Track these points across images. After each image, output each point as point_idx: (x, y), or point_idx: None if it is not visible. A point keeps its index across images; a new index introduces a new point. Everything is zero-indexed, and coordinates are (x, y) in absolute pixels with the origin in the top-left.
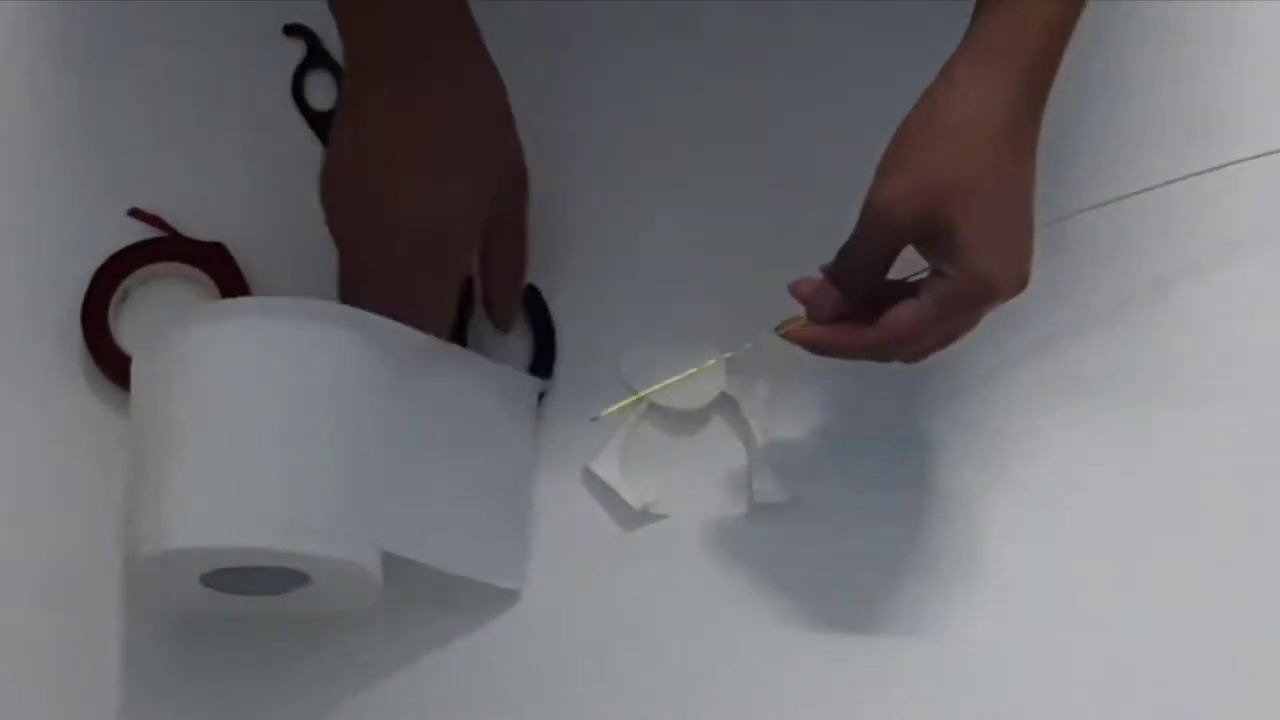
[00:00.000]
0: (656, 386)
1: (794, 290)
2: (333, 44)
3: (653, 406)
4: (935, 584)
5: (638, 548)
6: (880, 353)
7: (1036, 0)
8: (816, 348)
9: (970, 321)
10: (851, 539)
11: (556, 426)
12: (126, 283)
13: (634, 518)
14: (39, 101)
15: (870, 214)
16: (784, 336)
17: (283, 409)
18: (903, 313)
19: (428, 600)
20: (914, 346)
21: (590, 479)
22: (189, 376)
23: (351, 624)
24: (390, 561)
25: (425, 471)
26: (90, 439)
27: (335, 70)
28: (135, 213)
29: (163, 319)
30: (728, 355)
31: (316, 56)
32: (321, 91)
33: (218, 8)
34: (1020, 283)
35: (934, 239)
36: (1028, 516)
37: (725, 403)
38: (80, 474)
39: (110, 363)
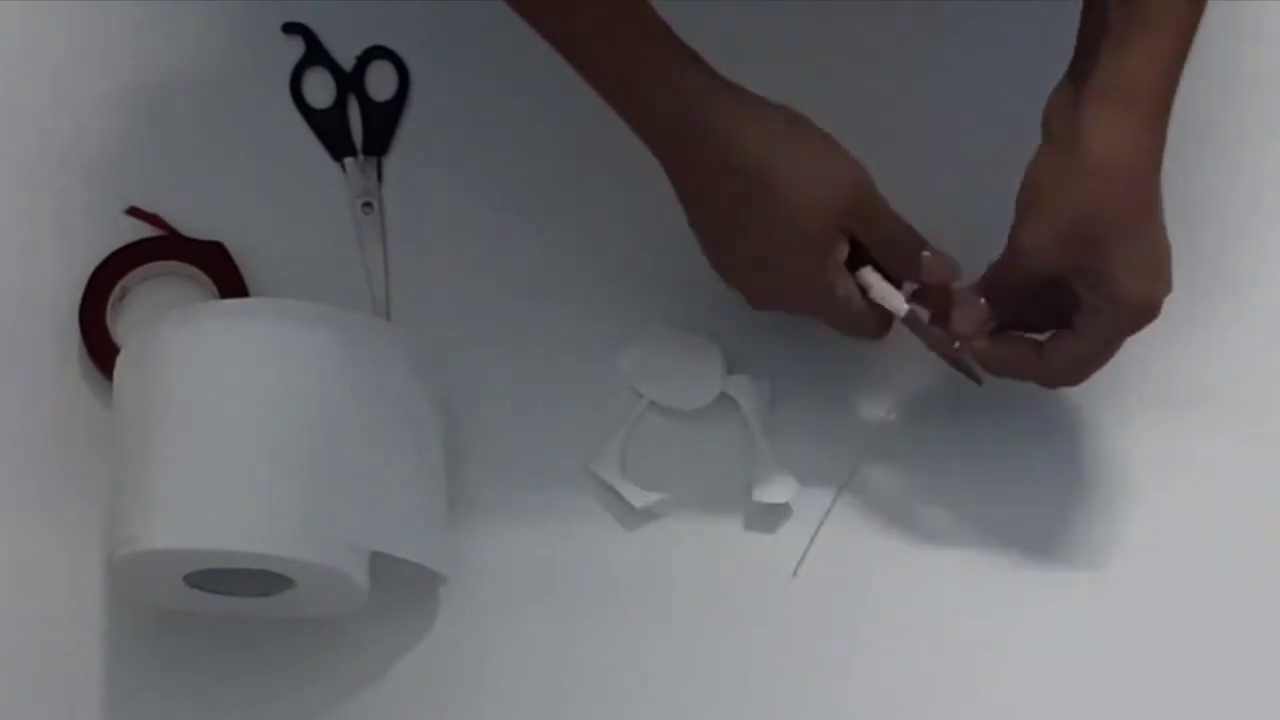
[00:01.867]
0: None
1: (932, 281)
2: (330, 41)
3: (653, 406)
4: (936, 584)
5: (638, 548)
6: (1051, 382)
7: (1161, 36)
8: (992, 364)
9: (1122, 343)
10: (851, 539)
11: (557, 427)
12: (125, 281)
13: (634, 517)
14: (38, 100)
15: (1016, 255)
16: (967, 350)
17: (264, 411)
18: (1063, 349)
19: (416, 602)
20: (1075, 372)
21: (590, 478)
22: (170, 379)
23: (340, 626)
24: (377, 565)
25: (391, 464)
26: (89, 437)
27: (333, 68)
28: (134, 211)
29: (160, 318)
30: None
31: (315, 54)
32: (320, 89)
33: (216, 6)
34: (1168, 289)
35: (1084, 275)
36: (1029, 516)
37: (725, 402)
38: (79, 472)
39: (108, 361)
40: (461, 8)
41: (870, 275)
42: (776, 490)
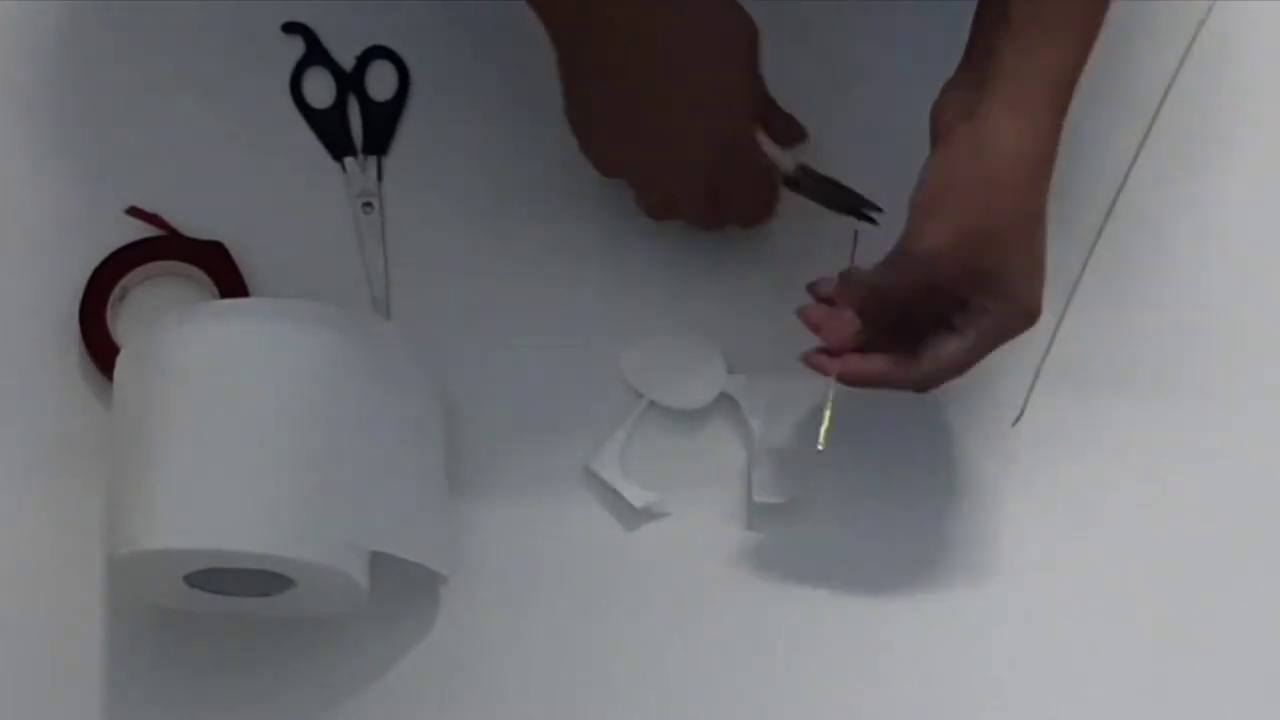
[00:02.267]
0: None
1: (805, 318)
2: (330, 41)
3: (653, 406)
4: (936, 584)
5: (638, 548)
6: (924, 387)
7: (1066, 38)
8: (861, 382)
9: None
10: (851, 539)
11: (557, 426)
12: (125, 281)
13: (634, 517)
14: (38, 99)
15: (911, 260)
16: (836, 376)
17: (264, 411)
18: (948, 350)
19: (416, 602)
20: (954, 377)
21: (590, 479)
22: (170, 378)
23: (340, 626)
24: (377, 564)
25: (391, 463)
26: (89, 437)
27: (333, 67)
28: (134, 211)
29: (160, 318)
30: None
31: (315, 54)
32: (320, 89)
33: (216, 6)
34: (1040, 304)
35: (978, 280)
36: (1030, 516)
37: (725, 402)
38: (79, 471)
39: (108, 361)
40: (461, 8)
41: (760, 134)
42: (776, 490)
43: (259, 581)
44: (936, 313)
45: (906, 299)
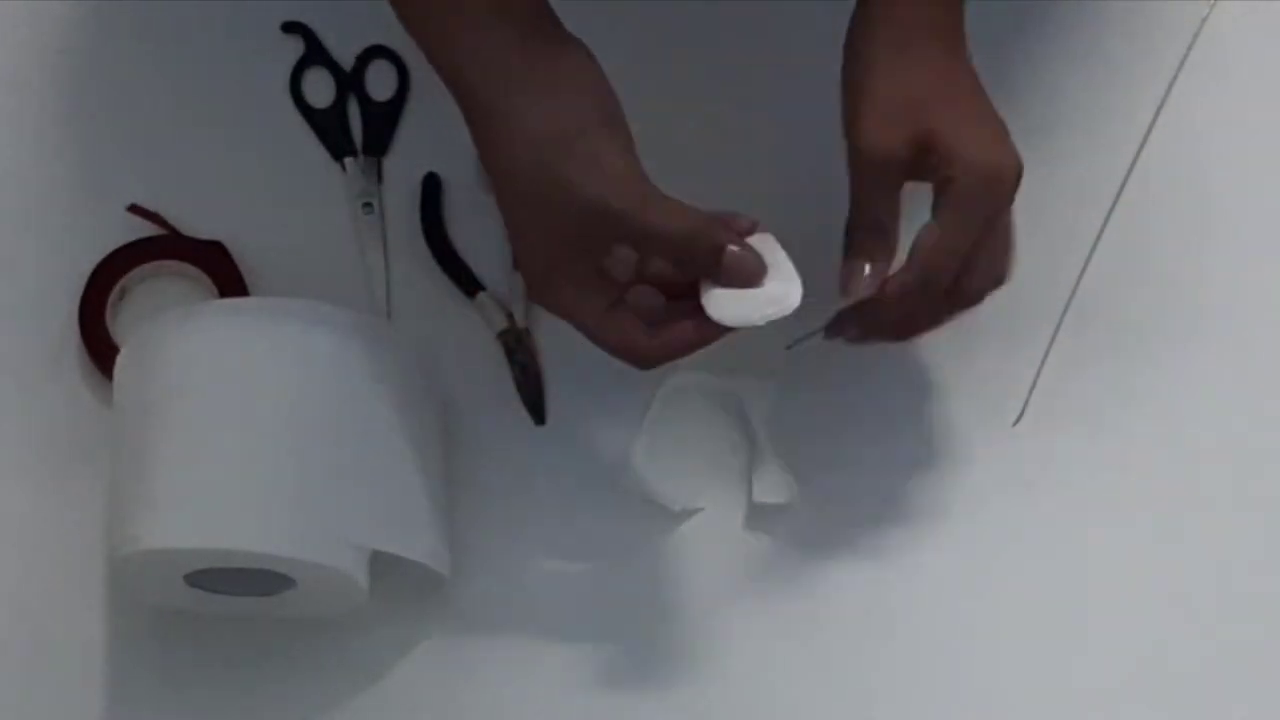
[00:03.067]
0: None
1: (843, 287)
2: (330, 41)
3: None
4: (936, 583)
5: (637, 547)
6: (926, 286)
7: None
8: (866, 290)
9: (993, 228)
10: (851, 539)
11: (557, 426)
12: (125, 280)
13: (634, 517)
14: (39, 98)
15: (864, 159)
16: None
17: (264, 411)
18: (926, 235)
19: (416, 602)
20: (952, 268)
21: (590, 478)
22: (170, 378)
23: (340, 626)
24: (377, 564)
25: (391, 463)
26: (88, 436)
27: (333, 67)
28: (134, 209)
29: (160, 317)
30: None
31: (315, 54)
32: (320, 89)
33: (216, 5)
34: (1018, 165)
35: (929, 155)
36: (1031, 516)
37: (726, 402)
38: (79, 471)
39: (107, 360)
40: None
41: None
42: (776, 490)
43: (259, 581)
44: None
45: (894, 215)
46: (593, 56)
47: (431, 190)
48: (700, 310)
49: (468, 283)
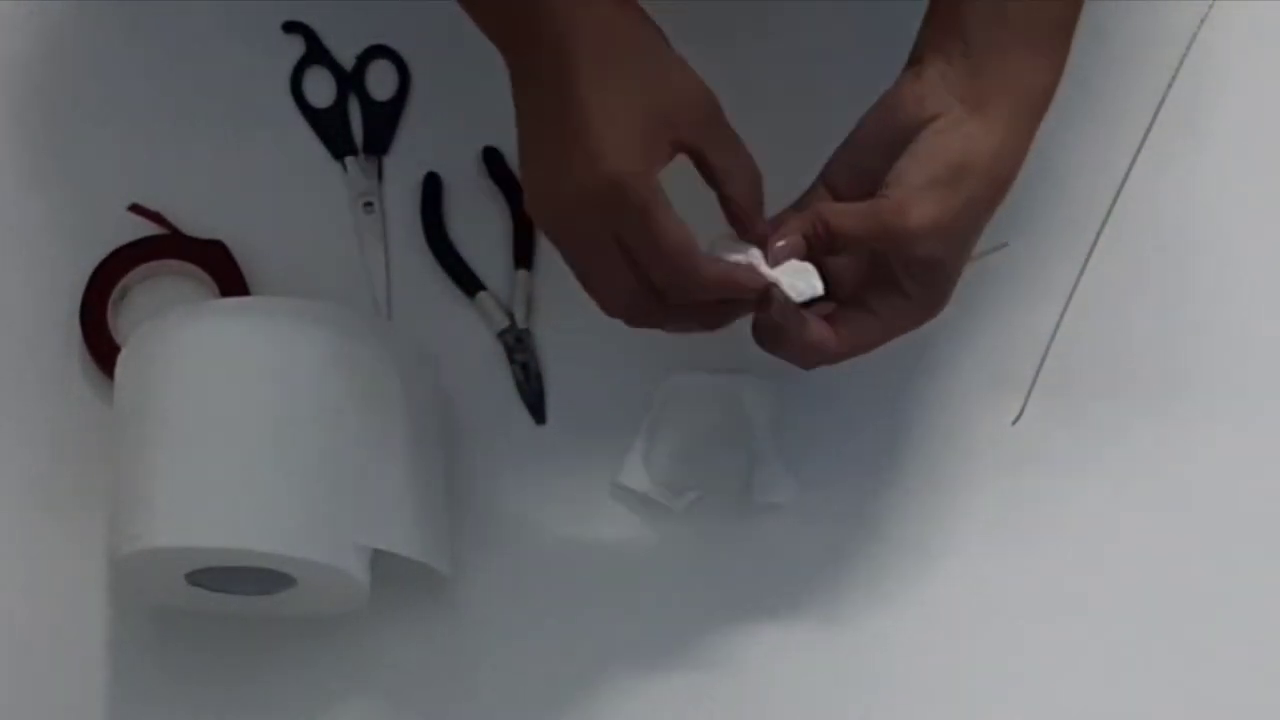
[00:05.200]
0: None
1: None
2: (331, 41)
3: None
4: (936, 583)
5: (637, 546)
6: (826, 359)
7: (1054, 46)
8: (787, 341)
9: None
10: (851, 538)
11: (556, 425)
12: (126, 280)
13: (633, 517)
14: (39, 97)
15: (898, 225)
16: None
17: (265, 410)
18: (867, 334)
19: (416, 602)
20: (843, 359)
21: (589, 478)
22: (171, 377)
23: (340, 625)
24: (377, 563)
25: (392, 462)
26: (88, 435)
27: (333, 67)
28: (135, 209)
29: (161, 316)
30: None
31: (315, 54)
32: (320, 89)
33: (216, 5)
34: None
35: (924, 267)
36: (1030, 515)
37: (727, 402)
38: (80, 470)
39: (108, 360)
40: None
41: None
42: (776, 490)
43: (260, 580)
44: (858, 276)
45: (846, 256)
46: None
47: (432, 190)
48: None
49: (468, 282)
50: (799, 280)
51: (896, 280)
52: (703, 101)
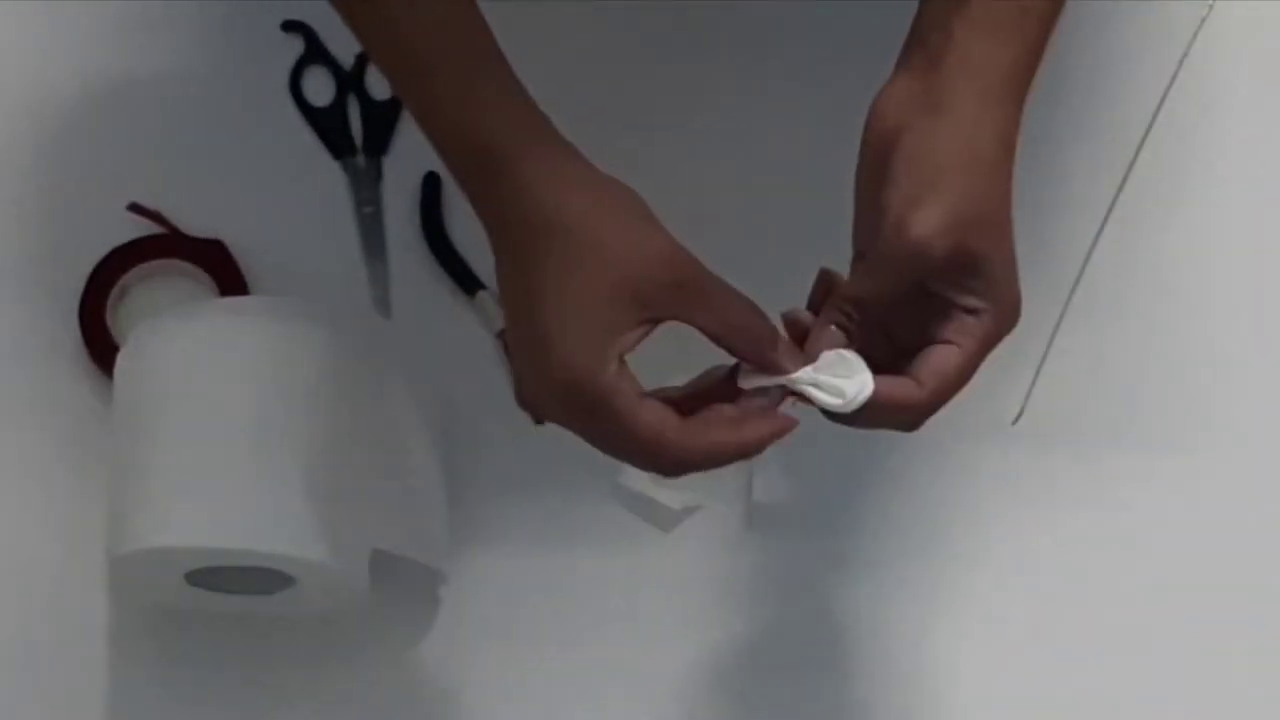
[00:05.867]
0: None
1: (790, 327)
2: (330, 40)
3: None
4: (935, 582)
5: (636, 546)
6: (928, 411)
7: (1022, 27)
8: (871, 416)
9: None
10: (851, 538)
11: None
12: (125, 279)
13: (632, 516)
14: (39, 97)
15: (905, 246)
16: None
17: (264, 409)
18: (951, 361)
19: (416, 602)
20: (957, 391)
21: (587, 478)
22: (170, 376)
23: (340, 624)
24: (377, 563)
25: (391, 462)
26: (87, 435)
27: (333, 66)
28: (134, 208)
29: (160, 316)
30: None
31: (314, 53)
32: (320, 88)
33: (216, 5)
34: (1021, 307)
35: (964, 273)
36: (1029, 515)
37: None
38: (79, 469)
39: (107, 358)
40: None
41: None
42: (776, 490)
43: (259, 579)
44: (919, 325)
45: (890, 309)
46: None
47: (431, 189)
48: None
49: (468, 282)
50: (845, 384)
51: (952, 301)
52: (672, 271)
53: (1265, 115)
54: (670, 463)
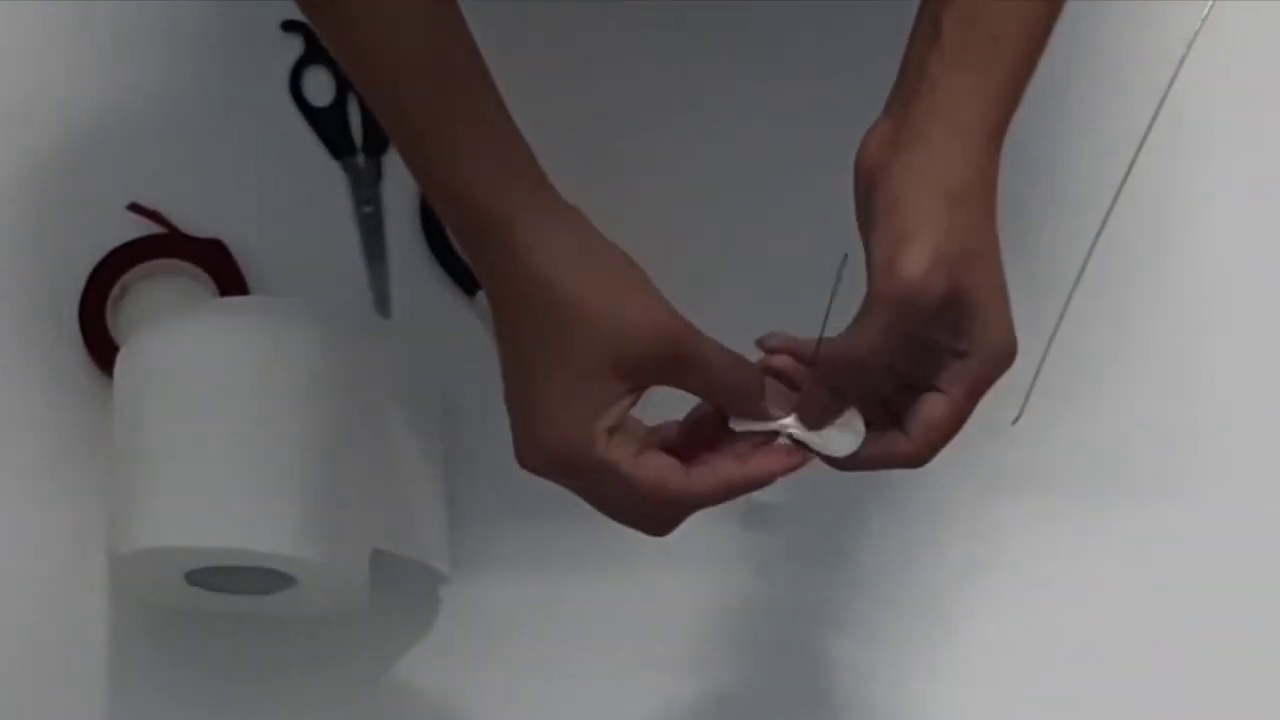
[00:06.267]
0: None
1: (765, 351)
2: None
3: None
4: (935, 582)
5: (636, 547)
6: (921, 460)
7: (999, 57)
8: (851, 467)
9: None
10: (850, 538)
11: None
12: (125, 279)
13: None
14: (39, 97)
15: (889, 298)
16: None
17: (264, 409)
18: (936, 411)
19: (416, 602)
20: (949, 439)
21: None
22: (170, 376)
23: (340, 625)
24: (377, 563)
25: (391, 462)
26: (89, 435)
27: (332, 66)
28: (134, 208)
29: (160, 315)
30: None
31: (314, 52)
32: (319, 87)
33: (216, 5)
34: (1015, 341)
35: (954, 314)
36: (1029, 515)
37: None
38: (79, 469)
39: (107, 358)
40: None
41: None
42: (776, 490)
43: (260, 580)
44: (911, 376)
45: (881, 362)
46: None
47: None
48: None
49: (468, 282)
50: (834, 437)
51: (941, 344)
52: (659, 345)
53: (1265, 115)
54: (679, 510)
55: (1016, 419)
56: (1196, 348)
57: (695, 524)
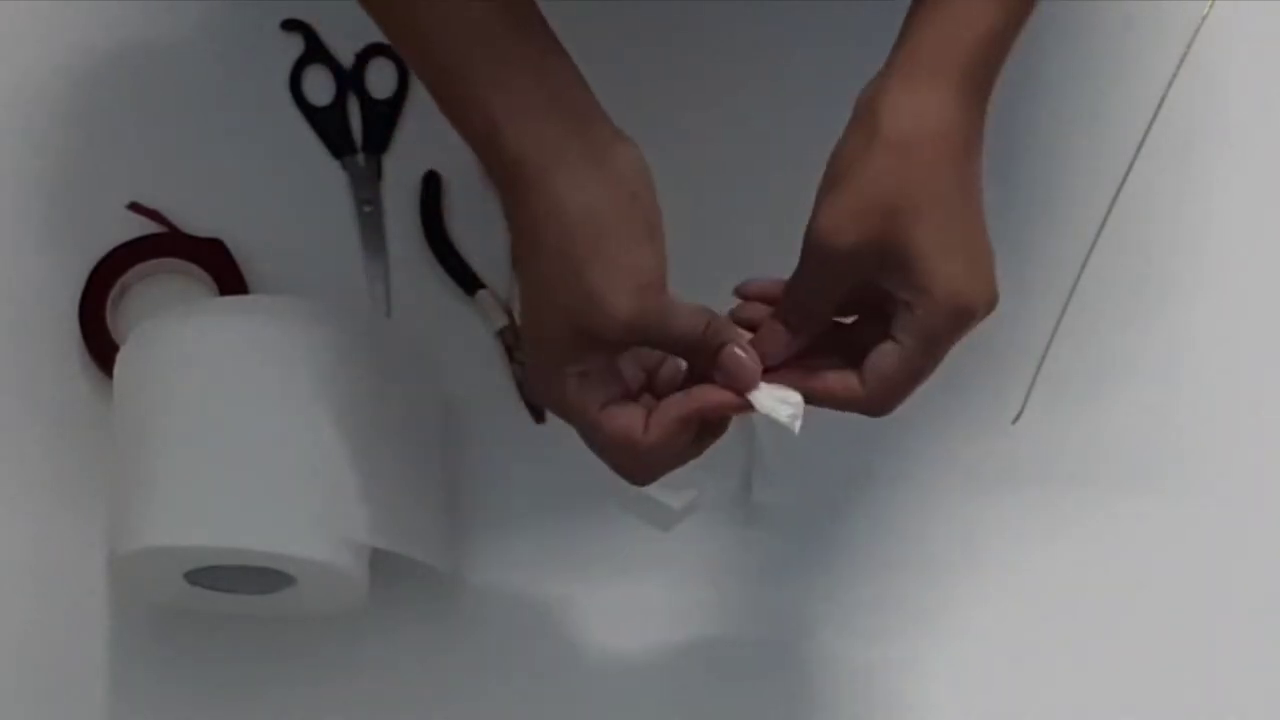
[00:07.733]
0: None
1: (741, 299)
2: (330, 39)
3: None
4: (935, 582)
5: (636, 546)
6: (877, 409)
7: (969, 11)
8: (807, 397)
9: (946, 352)
10: (850, 538)
11: (556, 424)
12: (124, 278)
13: (631, 516)
14: (39, 96)
15: (812, 243)
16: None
17: (264, 408)
18: (885, 362)
19: (417, 601)
20: (906, 394)
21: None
22: (170, 375)
23: (340, 624)
24: (377, 562)
25: (391, 461)
26: (89, 434)
27: (333, 65)
28: (134, 207)
29: (160, 315)
30: None
31: (314, 52)
32: (320, 87)
33: (216, 5)
34: (991, 299)
35: (889, 265)
36: (1029, 515)
37: None
38: (79, 469)
39: (107, 358)
40: None
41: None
42: (776, 490)
43: (260, 579)
44: (872, 321)
45: (823, 307)
46: (643, 159)
47: (431, 188)
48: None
49: (468, 281)
50: (780, 406)
51: (891, 294)
52: (615, 327)
53: (1265, 115)
54: (650, 459)
55: (1016, 418)
56: (1196, 347)
57: (695, 524)
